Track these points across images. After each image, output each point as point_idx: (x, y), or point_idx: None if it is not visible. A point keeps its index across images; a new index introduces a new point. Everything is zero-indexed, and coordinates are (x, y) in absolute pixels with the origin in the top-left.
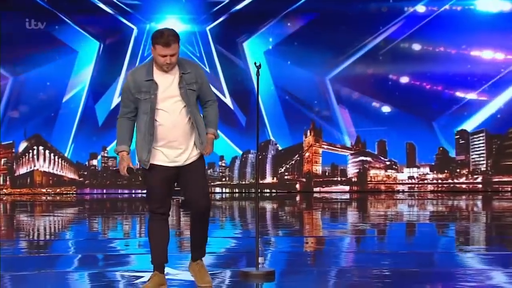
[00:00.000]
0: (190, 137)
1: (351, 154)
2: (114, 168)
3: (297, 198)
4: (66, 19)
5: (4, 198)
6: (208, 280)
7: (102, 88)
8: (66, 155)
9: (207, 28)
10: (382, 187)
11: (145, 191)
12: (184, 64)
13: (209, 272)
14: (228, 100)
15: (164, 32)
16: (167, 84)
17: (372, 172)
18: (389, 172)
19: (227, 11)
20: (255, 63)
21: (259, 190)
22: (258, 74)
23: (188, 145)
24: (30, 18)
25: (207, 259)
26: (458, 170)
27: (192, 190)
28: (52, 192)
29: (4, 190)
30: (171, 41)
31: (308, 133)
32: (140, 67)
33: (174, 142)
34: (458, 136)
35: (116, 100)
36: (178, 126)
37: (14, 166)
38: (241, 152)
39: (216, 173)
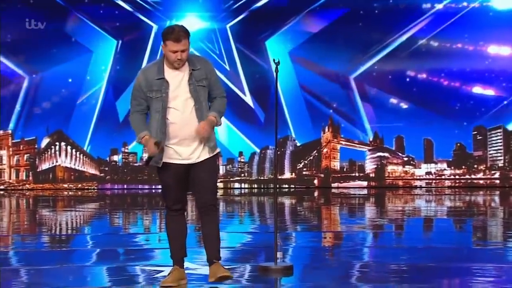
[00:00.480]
0: None
1: (369, 150)
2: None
3: (315, 194)
4: (84, 18)
5: (27, 193)
6: (227, 272)
7: (122, 84)
8: (87, 151)
9: (227, 26)
10: (400, 182)
11: None
12: (193, 60)
13: (229, 267)
14: (248, 98)
15: (175, 28)
16: (178, 82)
17: (390, 167)
18: (407, 167)
19: (247, 8)
20: (273, 60)
21: (277, 186)
22: (276, 70)
23: (200, 143)
24: (45, 17)
25: (226, 254)
26: (475, 166)
27: (198, 187)
28: (74, 187)
29: (27, 185)
30: (181, 36)
31: (326, 129)
32: (151, 66)
33: (185, 140)
34: (475, 132)
35: None
36: (190, 124)
37: (37, 162)
38: (258, 149)
39: (235, 168)
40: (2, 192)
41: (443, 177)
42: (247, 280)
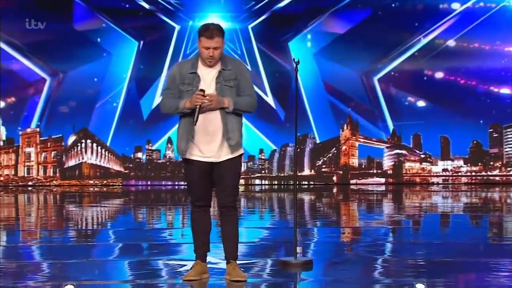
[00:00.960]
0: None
1: (387, 147)
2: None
3: (334, 190)
4: (106, 19)
5: (54, 189)
6: (242, 275)
7: (146, 83)
8: (112, 148)
9: (249, 26)
10: (417, 179)
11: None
12: (226, 60)
13: (250, 261)
14: (269, 98)
15: (210, 25)
16: (209, 79)
17: (407, 164)
18: (424, 164)
19: (269, 9)
20: (293, 60)
21: (297, 182)
22: (296, 70)
23: (223, 141)
24: (70, 18)
25: (247, 248)
26: (491, 163)
27: (218, 187)
28: (99, 184)
29: (54, 182)
30: (215, 34)
31: (345, 127)
32: (186, 60)
33: (207, 137)
34: (491, 130)
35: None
36: (213, 122)
37: (64, 159)
38: (279, 146)
39: (255, 165)
40: (30, 188)
41: (459, 174)
42: (268, 274)
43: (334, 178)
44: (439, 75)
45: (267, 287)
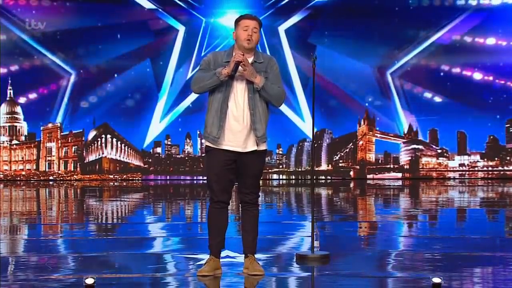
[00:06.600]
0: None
1: (404, 143)
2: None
3: (351, 185)
4: (126, 15)
5: (74, 184)
6: (260, 269)
7: (165, 79)
8: (131, 143)
9: (278, 26)
10: (434, 174)
11: (205, 178)
12: (259, 54)
13: (267, 255)
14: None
15: (249, 13)
16: (242, 69)
17: (424, 159)
18: (441, 159)
19: (291, 5)
20: (311, 55)
21: (314, 177)
22: (314, 66)
23: (250, 131)
24: (95, 14)
25: (265, 242)
26: (508, 158)
27: (241, 183)
28: (119, 178)
29: (74, 176)
30: (255, 18)
31: (362, 122)
32: (220, 51)
33: (237, 124)
34: (508, 125)
35: (177, 91)
36: (241, 112)
37: (84, 153)
38: (296, 141)
39: (273, 160)
40: (51, 182)
41: (476, 168)
42: (285, 268)
43: (351, 173)
44: (456, 70)
45: (285, 281)
